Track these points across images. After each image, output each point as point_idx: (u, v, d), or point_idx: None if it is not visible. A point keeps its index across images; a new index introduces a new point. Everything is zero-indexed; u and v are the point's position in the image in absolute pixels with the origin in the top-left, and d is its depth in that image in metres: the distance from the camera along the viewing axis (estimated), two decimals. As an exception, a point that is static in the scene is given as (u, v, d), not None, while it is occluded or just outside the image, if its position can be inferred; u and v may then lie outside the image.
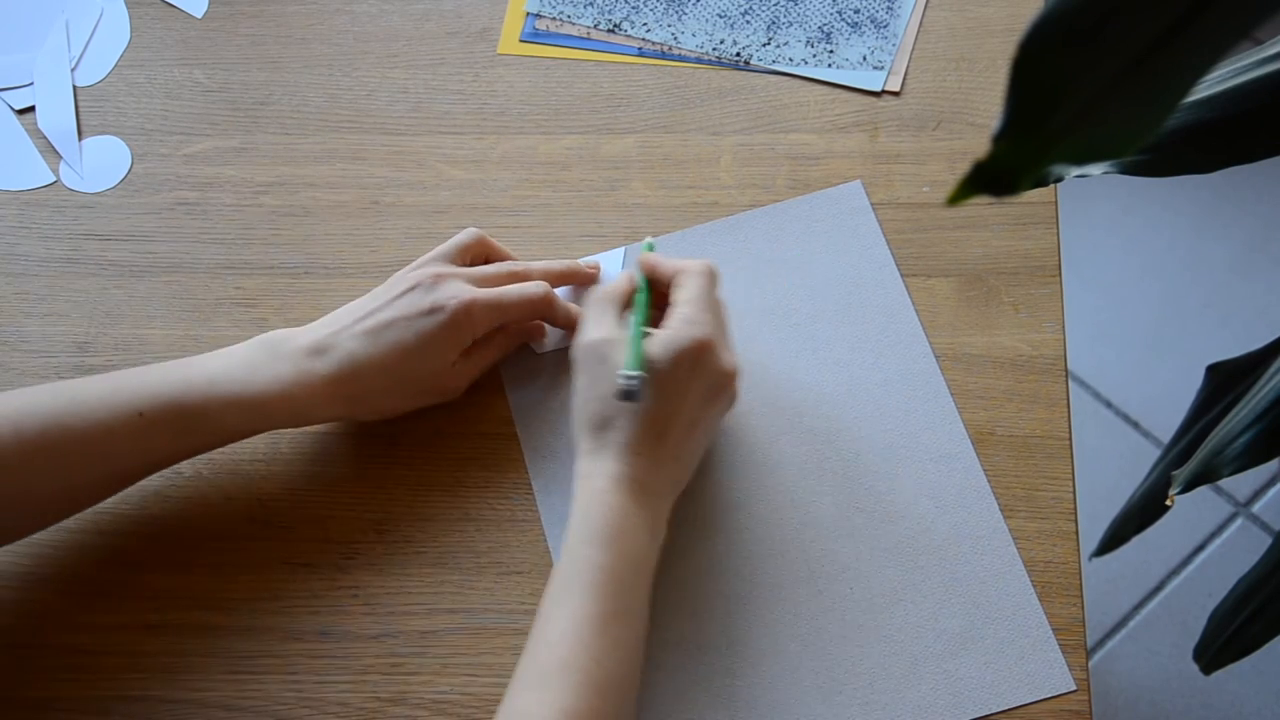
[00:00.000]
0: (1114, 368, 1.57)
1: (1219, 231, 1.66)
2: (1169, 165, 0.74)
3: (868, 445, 0.74)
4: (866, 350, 0.77)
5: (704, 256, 0.74)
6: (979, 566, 0.71)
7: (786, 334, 0.77)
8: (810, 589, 0.71)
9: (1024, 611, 0.70)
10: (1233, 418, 0.74)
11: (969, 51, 0.86)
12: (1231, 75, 0.71)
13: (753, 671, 0.69)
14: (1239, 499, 1.50)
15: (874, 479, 0.73)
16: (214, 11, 0.92)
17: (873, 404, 0.75)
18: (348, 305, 0.73)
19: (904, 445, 0.74)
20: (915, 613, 0.70)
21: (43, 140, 0.87)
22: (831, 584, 0.71)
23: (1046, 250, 0.79)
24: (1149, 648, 1.41)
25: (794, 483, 0.73)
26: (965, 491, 0.73)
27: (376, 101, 0.88)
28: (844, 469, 0.74)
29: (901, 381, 0.76)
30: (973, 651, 0.69)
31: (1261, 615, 0.85)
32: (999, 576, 0.71)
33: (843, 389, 0.76)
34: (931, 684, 0.68)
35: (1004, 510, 0.72)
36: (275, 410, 0.70)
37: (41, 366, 0.80)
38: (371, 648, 0.71)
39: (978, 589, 0.70)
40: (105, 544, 0.75)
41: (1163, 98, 0.43)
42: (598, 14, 0.89)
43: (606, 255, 0.81)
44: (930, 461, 0.74)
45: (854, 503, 0.73)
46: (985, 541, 0.71)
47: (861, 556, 0.71)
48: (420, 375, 0.72)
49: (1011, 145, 0.41)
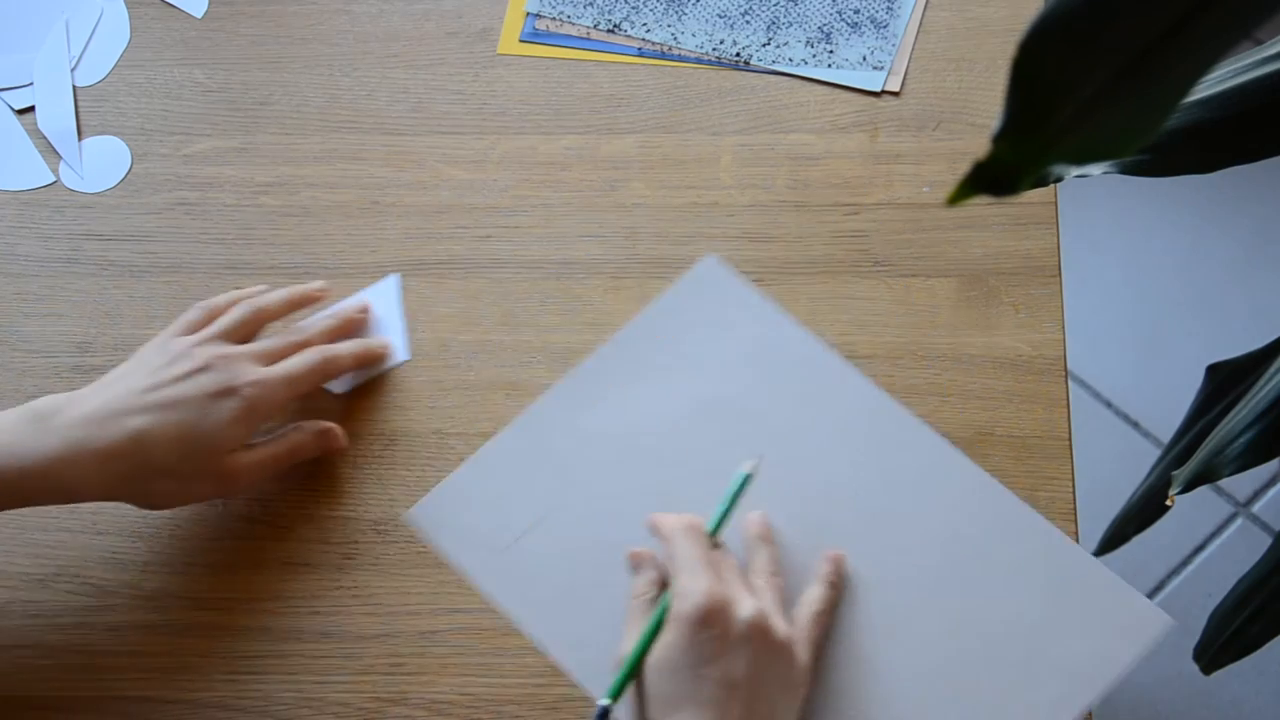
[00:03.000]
0: (1114, 368, 1.57)
1: (1219, 231, 1.66)
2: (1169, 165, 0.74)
3: (870, 513, 0.71)
4: (813, 414, 0.74)
5: (598, 390, 0.75)
6: (1022, 554, 0.70)
7: (731, 432, 0.74)
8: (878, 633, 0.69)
9: (1085, 572, 0.69)
10: (1233, 418, 0.74)
11: (969, 51, 0.86)
12: (1231, 75, 0.71)
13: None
14: (1239, 499, 1.50)
15: (885, 528, 0.71)
16: (214, 11, 0.92)
17: (849, 465, 0.72)
18: (118, 375, 0.70)
19: (897, 485, 0.72)
20: (989, 620, 0.68)
21: (42, 140, 0.87)
22: (892, 623, 0.69)
23: (1046, 250, 0.79)
24: (1149, 648, 1.41)
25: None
26: (976, 493, 0.72)
27: (376, 101, 0.88)
28: (860, 543, 0.71)
29: (861, 426, 0.73)
30: (1063, 633, 0.68)
31: (1261, 615, 0.85)
32: (1044, 554, 0.69)
33: (811, 466, 0.73)
34: (1041, 678, 0.66)
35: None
36: (33, 487, 0.66)
37: (41, 366, 0.80)
38: (371, 648, 0.71)
39: (1035, 575, 0.69)
40: (105, 544, 0.75)
41: (1163, 98, 0.43)
42: (598, 14, 0.89)
43: (379, 287, 0.80)
44: (932, 486, 0.72)
45: (884, 566, 0.70)
46: (1014, 529, 0.70)
47: (908, 592, 0.69)
48: (206, 457, 0.69)
49: (1011, 145, 0.41)
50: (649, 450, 0.74)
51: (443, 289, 0.81)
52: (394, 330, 0.79)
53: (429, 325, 0.80)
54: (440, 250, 0.82)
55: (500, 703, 0.69)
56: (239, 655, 0.71)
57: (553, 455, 0.74)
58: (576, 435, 0.74)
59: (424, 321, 0.80)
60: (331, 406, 0.77)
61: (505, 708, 0.69)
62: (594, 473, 0.74)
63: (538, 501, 0.73)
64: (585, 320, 0.79)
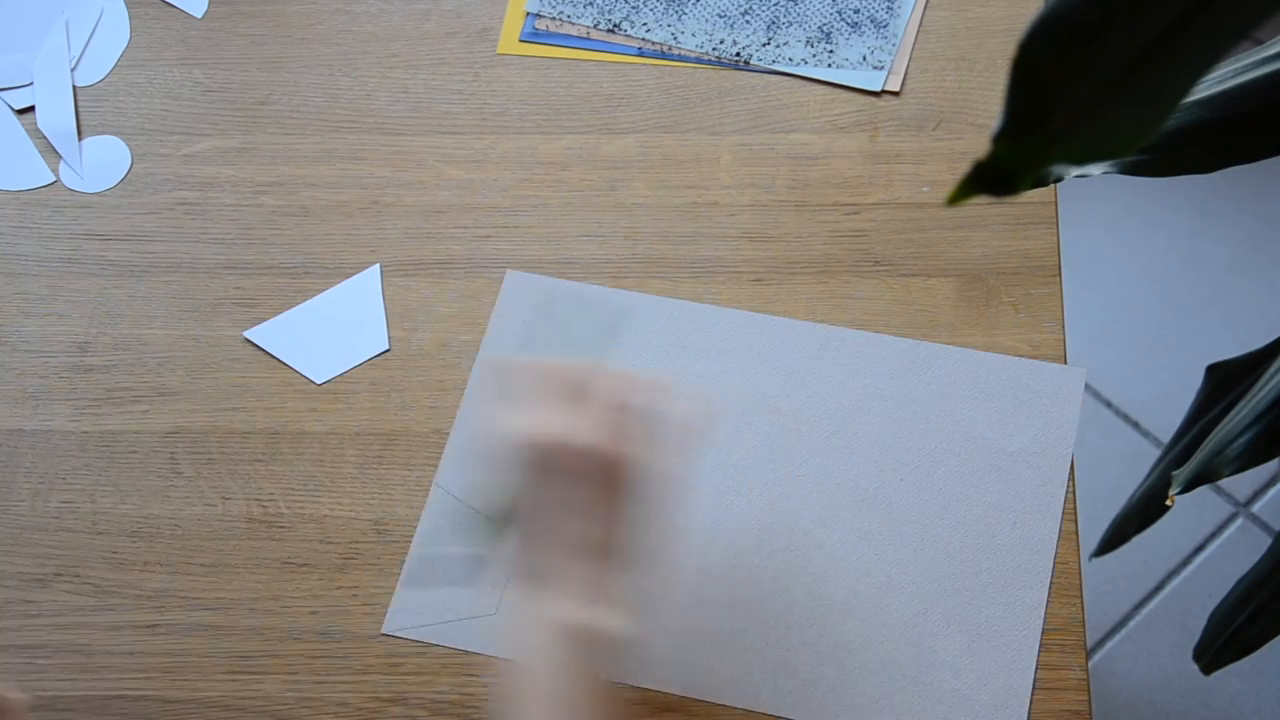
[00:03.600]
0: (1114, 368, 1.57)
1: (1219, 231, 1.66)
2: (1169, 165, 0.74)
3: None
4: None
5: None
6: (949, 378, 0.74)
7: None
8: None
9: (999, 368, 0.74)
10: (1233, 418, 0.74)
11: (969, 51, 0.86)
12: (1231, 75, 0.71)
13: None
14: (1239, 499, 1.50)
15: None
16: (214, 11, 0.92)
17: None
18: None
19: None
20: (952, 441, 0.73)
21: (43, 140, 0.87)
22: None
23: (1046, 250, 0.79)
24: (1149, 648, 1.41)
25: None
26: (897, 357, 0.76)
27: (376, 101, 0.88)
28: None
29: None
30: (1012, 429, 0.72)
31: (1261, 615, 0.85)
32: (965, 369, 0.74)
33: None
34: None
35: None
36: None
37: (41, 367, 0.80)
38: (371, 648, 0.71)
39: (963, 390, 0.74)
40: (105, 544, 0.75)
41: (1163, 98, 0.43)
42: (598, 14, 0.89)
43: (360, 278, 0.80)
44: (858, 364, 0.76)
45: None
46: (937, 365, 0.75)
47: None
48: None
49: (1011, 145, 0.41)
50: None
51: (443, 289, 0.81)
52: (375, 320, 0.80)
53: (429, 325, 0.80)
54: (440, 250, 0.82)
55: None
56: (239, 655, 0.71)
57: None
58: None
59: (424, 321, 0.80)
60: (328, 405, 0.77)
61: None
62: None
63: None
64: (585, 320, 0.79)
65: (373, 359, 0.79)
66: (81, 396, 0.79)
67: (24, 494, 0.76)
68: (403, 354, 0.79)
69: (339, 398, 0.78)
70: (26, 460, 0.77)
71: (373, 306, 0.80)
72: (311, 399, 0.78)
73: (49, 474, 0.77)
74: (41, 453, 0.77)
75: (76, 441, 0.78)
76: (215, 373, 0.79)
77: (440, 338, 0.79)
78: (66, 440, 0.78)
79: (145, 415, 0.78)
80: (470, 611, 0.71)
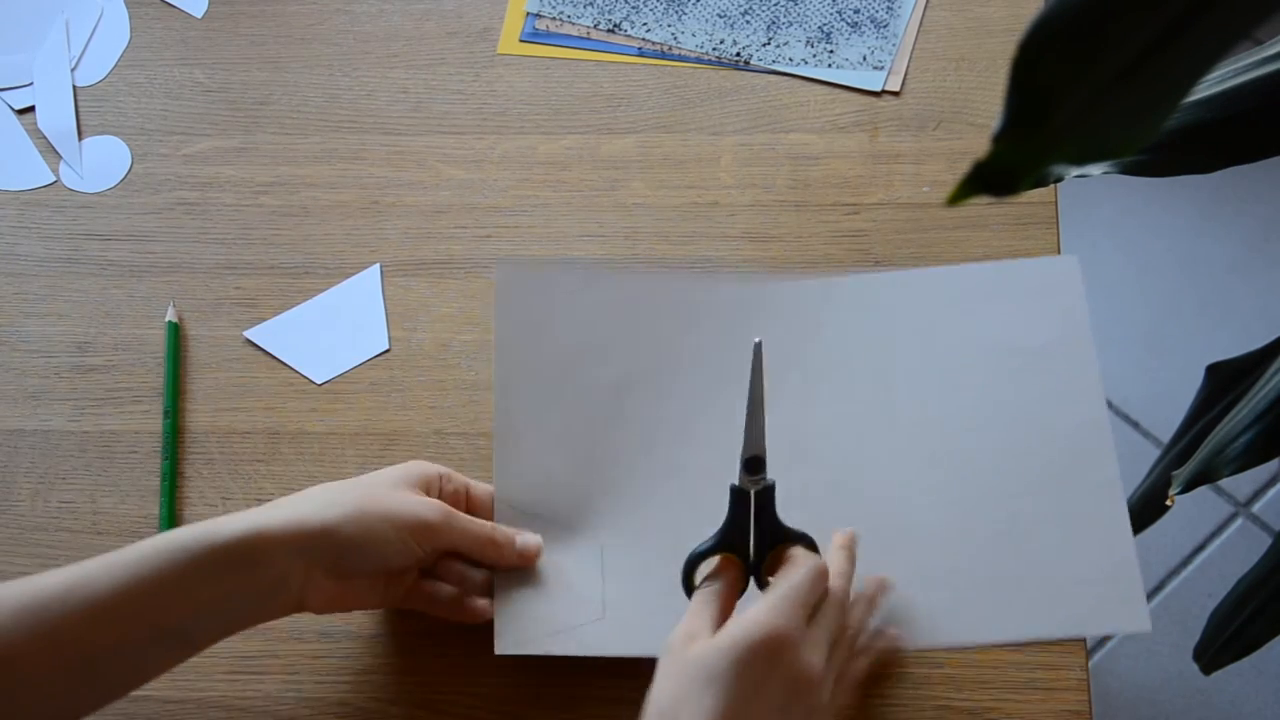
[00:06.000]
0: (1114, 368, 1.57)
1: (1218, 231, 1.66)
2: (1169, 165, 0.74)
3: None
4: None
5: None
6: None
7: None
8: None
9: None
10: (1233, 418, 0.74)
11: (969, 51, 0.86)
12: (1231, 75, 0.71)
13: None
14: (1239, 499, 1.50)
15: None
16: (214, 11, 0.92)
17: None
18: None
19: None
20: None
21: (43, 140, 0.87)
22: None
23: (1046, 250, 0.79)
24: (1149, 648, 1.41)
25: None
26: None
27: (376, 101, 0.88)
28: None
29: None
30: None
31: (1261, 615, 0.85)
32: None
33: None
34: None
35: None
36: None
37: (41, 367, 0.80)
38: (371, 648, 0.71)
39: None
40: (105, 545, 0.74)
41: (1163, 98, 0.43)
42: (598, 14, 0.89)
43: (361, 277, 0.80)
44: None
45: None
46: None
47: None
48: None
49: (1011, 145, 0.41)
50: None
51: (443, 289, 0.81)
52: (375, 320, 0.80)
53: (429, 325, 0.80)
54: (440, 250, 0.82)
55: (503, 702, 0.69)
56: (239, 655, 0.71)
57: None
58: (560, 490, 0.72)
59: (424, 321, 0.80)
60: (328, 405, 0.77)
61: (507, 707, 0.69)
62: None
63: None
64: (585, 320, 0.79)
65: (373, 359, 0.79)
66: (81, 396, 0.79)
67: (24, 494, 0.76)
68: (403, 354, 0.79)
69: (339, 398, 0.78)
70: (26, 460, 0.77)
71: (373, 306, 0.80)
72: (311, 399, 0.78)
73: (49, 474, 0.77)
74: (41, 453, 0.77)
75: (76, 441, 0.78)
76: (215, 373, 0.79)
77: (440, 338, 0.79)
78: (66, 440, 0.78)
79: (145, 415, 0.78)
80: (578, 619, 0.68)
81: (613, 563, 0.70)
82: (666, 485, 0.71)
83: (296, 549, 0.62)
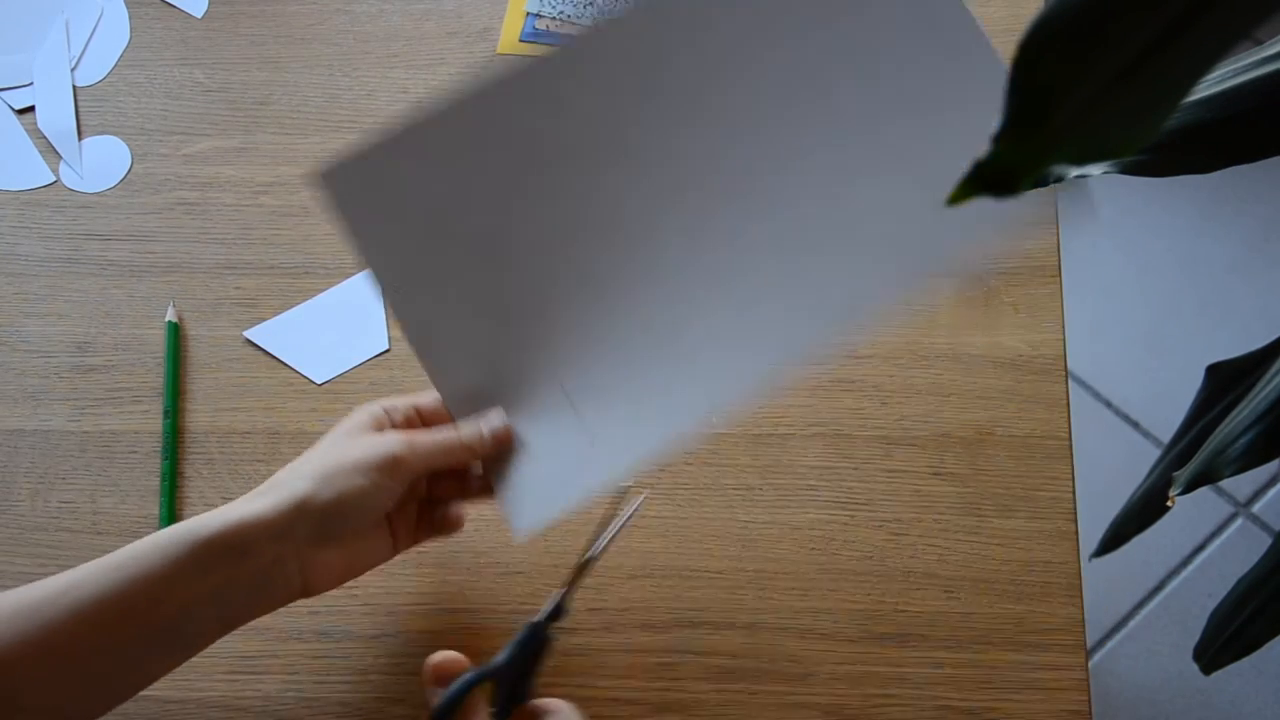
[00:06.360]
0: (1114, 368, 1.58)
1: (1218, 232, 1.66)
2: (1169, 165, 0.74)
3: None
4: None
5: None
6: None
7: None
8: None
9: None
10: (1233, 418, 0.74)
11: (969, 51, 0.86)
12: (1231, 75, 0.71)
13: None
14: (1239, 499, 1.50)
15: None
16: (214, 11, 0.92)
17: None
18: None
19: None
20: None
21: (43, 140, 0.87)
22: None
23: (1046, 250, 0.79)
24: (1149, 648, 1.41)
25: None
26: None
27: (376, 101, 0.88)
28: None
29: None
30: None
31: (1261, 615, 0.85)
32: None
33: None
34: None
35: (1001, 509, 0.72)
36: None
37: (41, 367, 0.80)
38: (371, 648, 0.71)
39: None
40: (105, 545, 0.74)
41: (1163, 98, 0.43)
42: (598, 14, 0.89)
43: (361, 277, 0.79)
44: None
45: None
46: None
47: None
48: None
49: (1011, 145, 0.41)
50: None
51: (443, 289, 0.81)
52: (375, 320, 0.80)
53: (429, 325, 0.80)
54: (440, 250, 0.82)
55: (500, 703, 0.69)
56: (239, 655, 0.71)
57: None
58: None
59: (424, 321, 0.80)
60: (328, 405, 0.77)
61: (505, 708, 0.69)
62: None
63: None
64: (585, 320, 0.79)
65: (373, 359, 0.79)
66: (81, 396, 0.79)
67: (24, 494, 0.76)
68: (403, 354, 0.79)
69: (339, 398, 0.78)
70: (26, 460, 0.77)
71: (373, 307, 0.80)
72: (311, 399, 0.78)
73: (49, 474, 0.77)
74: (41, 453, 0.77)
75: (76, 441, 0.78)
76: (215, 373, 0.79)
77: (440, 338, 0.79)
78: (66, 440, 0.78)
79: (145, 415, 0.78)
80: (572, 462, 0.66)
81: (579, 393, 0.67)
82: (584, 292, 0.68)
83: (279, 531, 0.61)
